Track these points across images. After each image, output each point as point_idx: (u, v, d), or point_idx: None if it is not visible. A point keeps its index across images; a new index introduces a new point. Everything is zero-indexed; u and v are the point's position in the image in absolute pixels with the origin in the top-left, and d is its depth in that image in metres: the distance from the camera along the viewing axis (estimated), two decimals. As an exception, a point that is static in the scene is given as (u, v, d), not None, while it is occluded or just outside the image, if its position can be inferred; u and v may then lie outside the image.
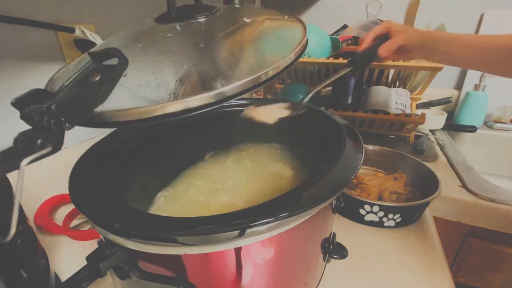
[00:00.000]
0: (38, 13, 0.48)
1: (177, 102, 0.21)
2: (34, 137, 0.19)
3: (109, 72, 0.22)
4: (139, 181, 0.38)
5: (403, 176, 0.56)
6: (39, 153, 0.19)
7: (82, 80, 0.23)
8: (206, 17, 0.30)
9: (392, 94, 0.77)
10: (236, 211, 0.21)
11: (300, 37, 0.30)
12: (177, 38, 0.28)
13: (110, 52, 0.24)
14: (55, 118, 0.19)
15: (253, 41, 0.29)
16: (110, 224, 0.22)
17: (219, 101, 0.21)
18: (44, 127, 0.19)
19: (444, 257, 0.43)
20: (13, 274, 0.27)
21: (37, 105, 0.19)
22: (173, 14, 0.29)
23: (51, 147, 0.19)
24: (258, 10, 0.35)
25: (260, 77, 0.23)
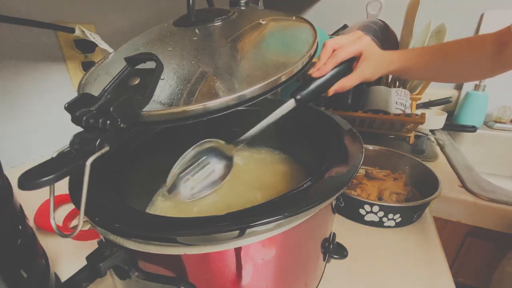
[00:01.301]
0: (38, 13, 0.48)
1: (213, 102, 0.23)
2: (89, 138, 0.20)
3: (147, 75, 0.24)
4: (139, 181, 0.38)
5: (403, 176, 0.56)
6: (100, 152, 0.20)
7: (122, 83, 0.25)
8: (223, 21, 0.32)
9: (392, 94, 0.77)
10: (236, 211, 0.22)
11: (311, 38, 0.32)
12: (202, 41, 0.30)
13: (147, 57, 0.26)
14: (112, 119, 0.20)
15: (270, 43, 0.31)
16: (110, 224, 0.22)
17: (241, 103, 0.24)
18: (98, 128, 0.20)
19: (444, 257, 0.43)
20: (13, 274, 0.27)
21: (85, 109, 0.21)
22: (193, 18, 0.31)
23: (108, 146, 0.21)
24: (267, 12, 0.37)
25: (280, 78, 0.25)
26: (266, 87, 0.24)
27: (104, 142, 0.20)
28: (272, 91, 0.25)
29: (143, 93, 0.23)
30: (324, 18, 1.19)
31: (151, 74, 0.24)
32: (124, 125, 0.21)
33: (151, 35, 0.33)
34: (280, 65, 0.26)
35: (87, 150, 0.20)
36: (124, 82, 0.25)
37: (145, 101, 0.23)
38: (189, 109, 0.22)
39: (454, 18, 0.97)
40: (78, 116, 0.21)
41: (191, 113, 0.23)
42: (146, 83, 0.23)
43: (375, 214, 0.47)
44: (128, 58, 0.26)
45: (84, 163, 0.19)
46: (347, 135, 0.34)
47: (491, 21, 0.96)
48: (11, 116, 0.46)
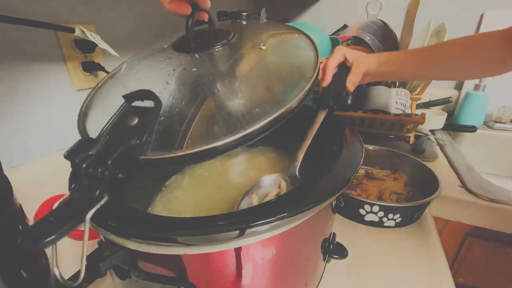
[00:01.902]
0: (38, 13, 0.48)
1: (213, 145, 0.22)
2: (89, 186, 0.20)
3: (145, 114, 0.24)
4: (139, 180, 0.38)
5: (403, 176, 0.56)
6: (99, 204, 0.20)
7: (120, 123, 0.24)
8: (223, 46, 0.31)
9: (392, 94, 0.77)
10: (236, 211, 0.22)
11: (313, 60, 0.31)
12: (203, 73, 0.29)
13: (145, 95, 0.25)
14: (110, 171, 0.20)
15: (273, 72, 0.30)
16: (110, 224, 0.22)
17: (248, 139, 0.23)
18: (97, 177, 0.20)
19: (444, 257, 0.43)
20: (13, 274, 0.27)
21: (84, 153, 0.21)
22: (192, 44, 0.31)
23: (107, 196, 0.21)
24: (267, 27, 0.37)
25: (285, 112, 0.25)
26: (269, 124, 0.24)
27: (103, 192, 0.20)
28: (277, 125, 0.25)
29: (141, 138, 0.22)
30: (324, 18, 1.19)
31: (150, 114, 0.24)
32: (122, 175, 0.21)
33: (150, 60, 0.33)
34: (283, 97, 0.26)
35: (87, 201, 0.20)
36: (122, 121, 0.24)
37: (144, 147, 0.22)
38: (188, 152, 0.22)
39: (454, 18, 0.97)
40: (78, 164, 0.20)
41: (190, 156, 0.22)
42: (145, 125, 0.23)
43: (375, 214, 0.47)
44: (126, 96, 0.25)
45: (83, 217, 0.19)
46: (347, 135, 0.34)
47: (491, 21, 0.96)
48: (11, 116, 0.46)
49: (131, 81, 0.31)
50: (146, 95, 0.25)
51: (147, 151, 0.22)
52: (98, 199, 0.20)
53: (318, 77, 0.44)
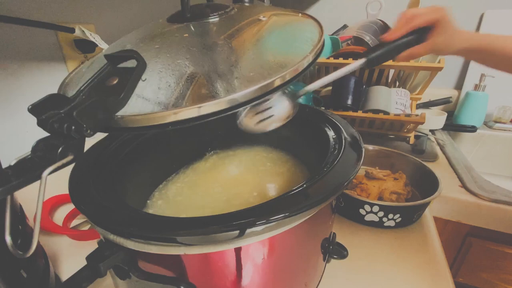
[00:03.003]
0: (38, 13, 0.48)
1: (196, 107, 0.20)
2: (54, 145, 0.18)
3: (127, 75, 0.22)
4: (139, 181, 0.38)
5: (403, 176, 0.56)
6: (60, 162, 0.18)
7: (99, 83, 0.22)
8: (220, 16, 0.29)
9: (392, 94, 0.77)
10: (236, 211, 0.21)
11: (317, 36, 0.28)
12: (194, 39, 0.27)
13: (128, 54, 0.23)
14: (77, 125, 0.18)
15: (270, 42, 0.28)
16: (110, 224, 0.22)
17: (234, 107, 0.21)
18: (63, 134, 0.18)
19: (444, 257, 0.43)
20: (13, 274, 0.27)
21: (54, 111, 0.18)
22: (187, 14, 0.29)
23: (72, 155, 0.18)
24: (271, 8, 0.34)
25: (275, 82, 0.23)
26: (260, 91, 0.22)
27: (67, 150, 0.18)
28: (268, 94, 0.23)
29: (118, 94, 0.20)
30: (324, 18, 1.19)
31: (131, 74, 0.22)
32: (91, 131, 0.19)
33: (142, 32, 0.31)
34: (278, 67, 0.24)
35: (48, 159, 0.18)
36: (102, 82, 0.22)
37: (119, 104, 0.20)
38: (168, 114, 0.20)
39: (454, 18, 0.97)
40: (44, 120, 0.18)
41: (170, 119, 0.20)
42: (125, 84, 0.21)
43: (375, 214, 0.47)
44: (109, 56, 0.24)
45: (40, 174, 0.17)
46: (347, 135, 0.34)
47: (491, 21, 0.96)
48: (11, 116, 0.46)
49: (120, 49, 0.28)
50: (129, 55, 0.23)
51: (122, 108, 0.20)
52: (60, 157, 0.18)
53: (395, 23, 0.40)
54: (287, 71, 0.23)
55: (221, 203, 0.40)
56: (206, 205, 0.40)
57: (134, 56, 0.23)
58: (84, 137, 0.19)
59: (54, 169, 0.18)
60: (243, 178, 0.45)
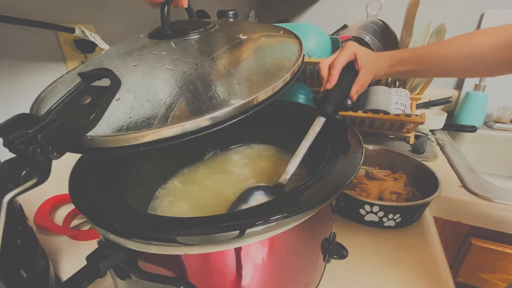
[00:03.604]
0: (38, 13, 0.48)
1: (171, 127, 0.20)
2: (19, 167, 0.17)
3: (100, 94, 0.21)
4: (139, 181, 0.38)
5: (403, 176, 0.56)
6: (24, 186, 0.17)
7: (71, 102, 0.22)
8: (200, 34, 0.29)
9: (392, 94, 0.77)
10: (236, 211, 0.22)
11: (296, 54, 0.29)
12: (172, 57, 0.27)
13: (102, 73, 0.23)
14: (41, 147, 0.17)
15: (249, 60, 0.28)
16: (110, 224, 0.22)
17: (213, 125, 0.21)
18: (29, 156, 0.17)
19: (444, 257, 0.43)
20: (13, 274, 0.27)
21: (22, 131, 0.18)
22: (167, 31, 0.29)
23: (36, 178, 0.18)
24: (253, 25, 0.34)
25: (255, 99, 0.22)
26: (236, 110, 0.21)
27: (32, 172, 0.17)
28: (248, 113, 0.22)
29: (90, 114, 0.20)
30: (324, 18, 1.19)
31: (104, 93, 0.21)
32: (57, 154, 0.18)
33: (121, 47, 0.30)
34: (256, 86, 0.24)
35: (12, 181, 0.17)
36: (74, 101, 0.22)
37: (90, 125, 0.19)
38: (140, 135, 0.19)
39: (454, 18, 0.97)
40: (10, 140, 0.17)
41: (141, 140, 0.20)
42: (97, 103, 0.20)
43: (375, 214, 0.47)
44: (83, 74, 0.23)
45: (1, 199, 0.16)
46: (347, 135, 0.34)
47: (491, 21, 0.96)
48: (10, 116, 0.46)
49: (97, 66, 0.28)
50: (102, 73, 0.23)
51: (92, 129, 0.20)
52: (24, 180, 0.17)
53: (322, 76, 0.43)
54: (264, 91, 0.23)
55: (220, 203, 0.40)
56: (205, 206, 0.40)
57: (108, 75, 0.22)
58: (50, 160, 0.18)
59: (17, 193, 0.17)
60: (243, 178, 0.45)
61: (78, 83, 0.23)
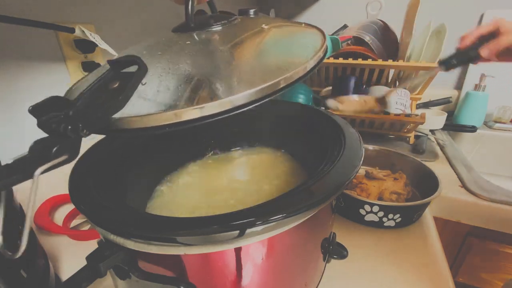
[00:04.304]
0: (38, 13, 0.48)
1: (193, 108, 0.20)
2: (49, 144, 0.18)
3: (128, 79, 0.22)
4: (139, 181, 0.38)
5: (403, 176, 0.56)
6: (55, 161, 0.18)
7: (101, 87, 0.23)
8: (223, 26, 0.30)
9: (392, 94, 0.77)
10: (236, 211, 0.21)
11: (319, 43, 0.29)
12: (196, 45, 0.28)
13: (130, 59, 0.24)
14: (72, 125, 0.18)
15: (272, 48, 0.28)
16: (110, 224, 0.22)
17: (233, 109, 0.21)
18: (60, 134, 0.18)
19: (444, 257, 0.43)
20: (13, 274, 0.27)
21: (54, 113, 0.19)
22: (191, 24, 0.29)
23: (67, 155, 0.18)
24: (275, 19, 0.35)
25: (278, 83, 0.23)
26: (261, 93, 0.22)
27: (62, 150, 0.18)
28: (269, 98, 0.23)
29: (118, 97, 0.21)
30: (324, 18, 1.19)
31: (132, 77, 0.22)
32: (87, 131, 0.19)
33: (147, 41, 0.32)
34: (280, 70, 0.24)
35: (43, 158, 0.18)
36: (103, 86, 0.23)
37: (118, 106, 0.21)
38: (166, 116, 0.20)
39: (454, 18, 0.97)
40: (44, 121, 0.18)
41: (167, 121, 0.21)
42: (125, 87, 0.22)
43: (375, 214, 0.47)
44: (111, 61, 0.24)
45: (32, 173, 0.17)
46: (347, 135, 0.34)
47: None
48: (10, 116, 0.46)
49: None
50: (131, 59, 0.24)
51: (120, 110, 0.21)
52: (54, 156, 0.18)
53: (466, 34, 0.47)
54: (289, 74, 0.23)
55: (220, 203, 0.40)
56: (205, 206, 0.40)
57: (136, 61, 0.23)
58: (80, 137, 0.19)
59: (47, 168, 0.17)
60: (243, 179, 0.45)
61: (106, 70, 0.24)
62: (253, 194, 0.42)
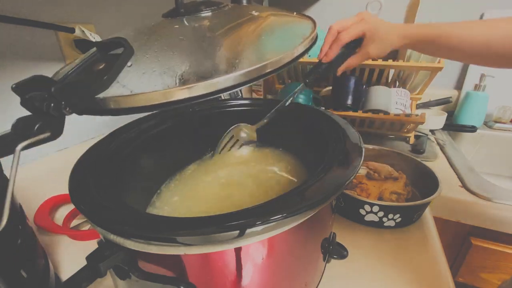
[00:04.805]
0: (38, 13, 0.48)
1: (182, 88, 0.20)
2: (32, 122, 0.18)
3: (114, 60, 0.22)
4: (139, 181, 0.38)
5: (403, 176, 0.56)
6: (37, 137, 0.18)
7: (86, 68, 0.23)
8: (212, 11, 0.30)
9: (392, 94, 0.77)
10: (236, 211, 0.21)
11: (309, 31, 0.29)
12: (183, 30, 0.28)
13: (116, 41, 0.24)
14: (55, 102, 0.18)
15: (261, 34, 0.28)
16: (110, 224, 0.22)
17: (219, 91, 0.21)
18: (43, 112, 0.18)
19: (444, 257, 0.43)
20: (13, 274, 0.27)
21: (38, 92, 0.19)
22: (181, 9, 0.29)
23: (49, 132, 0.19)
24: (266, 7, 0.35)
25: (265, 67, 0.23)
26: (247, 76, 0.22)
27: (45, 127, 0.18)
28: (255, 81, 0.23)
29: (101, 77, 0.21)
30: (324, 18, 1.18)
31: (117, 59, 0.22)
32: (70, 109, 0.19)
33: (136, 26, 0.32)
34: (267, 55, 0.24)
35: (25, 135, 0.18)
36: (89, 67, 0.23)
37: (102, 85, 0.20)
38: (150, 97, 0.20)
39: (454, 18, 0.97)
40: (27, 99, 0.18)
41: (154, 101, 0.21)
42: (110, 68, 0.21)
43: (375, 214, 0.47)
44: (97, 43, 0.24)
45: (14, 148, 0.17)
46: (347, 135, 0.34)
47: (491, 21, 0.96)
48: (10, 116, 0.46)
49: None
50: (116, 41, 0.24)
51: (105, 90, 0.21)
52: (37, 133, 0.18)
53: (323, 46, 0.43)
54: (276, 58, 0.24)
55: (220, 203, 0.40)
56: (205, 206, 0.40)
57: (122, 43, 0.23)
58: (63, 115, 0.19)
59: (29, 144, 0.18)
60: (242, 179, 0.45)
61: (93, 52, 0.24)
62: (253, 194, 0.42)
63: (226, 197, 0.41)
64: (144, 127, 0.40)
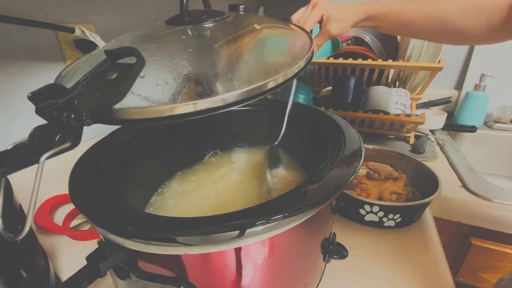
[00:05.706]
0: (38, 13, 0.48)
1: (187, 104, 0.21)
2: (52, 132, 0.18)
3: (126, 70, 0.22)
4: (139, 181, 0.38)
5: (403, 176, 0.56)
6: (58, 148, 0.18)
7: (98, 77, 0.23)
8: (216, 22, 0.31)
9: (392, 94, 0.77)
10: (236, 211, 0.22)
11: (307, 46, 0.31)
12: (191, 40, 0.28)
13: (127, 51, 0.24)
14: (76, 113, 0.19)
15: (264, 48, 0.30)
16: (110, 224, 0.22)
17: (227, 105, 0.22)
18: (62, 122, 0.18)
19: (444, 257, 0.43)
20: (13, 274, 0.27)
21: (52, 100, 0.19)
22: (185, 18, 0.30)
23: (69, 142, 0.19)
24: (265, 18, 0.37)
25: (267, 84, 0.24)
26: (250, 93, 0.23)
27: (65, 137, 0.19)
28: (258, 97, 0.24)
29: (117, 88, 0.21)
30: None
31: (130, 69, 0.23)
32: (90, 120, 0.19)
33: (140, 32, 0.32)
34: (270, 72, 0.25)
35: (46, 144, 0.18)
36: (101, 76, 0.23)
37: (118, 96, 0.21)
38: (164, 109, 0.21)
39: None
40: (42, 108, 0.19)
41: (166, 113, 0.21)
42: (123, 79, 0.22)
43: (375, 214, 0.47)
44: (108, 52, 0.24)
45: (38, 159, 0.17)
46: (347, 135, 0.34)
47: (491, 21, 0.96)
48: (10, 116, 0.46)
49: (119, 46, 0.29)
50: (128, 51, 0.24)
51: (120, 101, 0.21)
52: (58, 144, 0.18)
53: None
54: (279, 75, 0.24)
55: (220, 203, 0.40)
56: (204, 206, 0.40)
57: (134, 53, 0.23)
58: (82, 126, 0.19)
59: (52, 154, 0.18)
60: (243, 179, 0.45)
61: (103, 60, 0.24)
62: (253, 194, 0.42)
63: (226, 197, 0.41)
64: (144, 127, 0.40)
